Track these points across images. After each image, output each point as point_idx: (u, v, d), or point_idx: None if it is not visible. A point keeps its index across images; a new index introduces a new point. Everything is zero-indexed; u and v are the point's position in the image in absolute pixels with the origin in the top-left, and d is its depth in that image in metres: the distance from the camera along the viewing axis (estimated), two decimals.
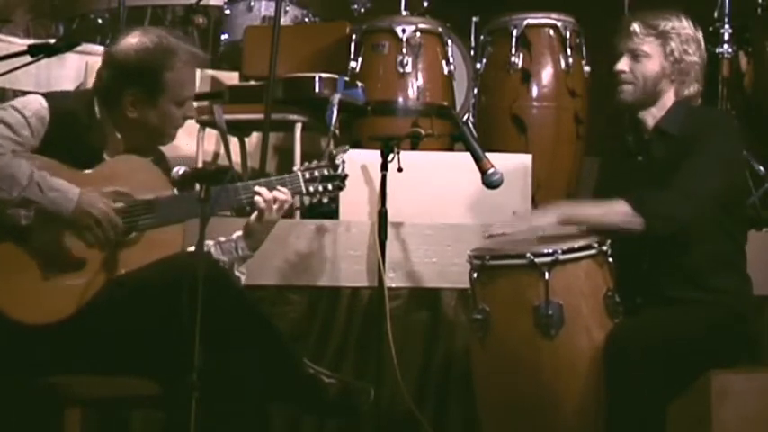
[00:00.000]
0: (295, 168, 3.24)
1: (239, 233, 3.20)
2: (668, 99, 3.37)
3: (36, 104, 2.98)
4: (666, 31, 3.33)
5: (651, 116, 3.38)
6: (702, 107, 3.47)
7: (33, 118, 2.95)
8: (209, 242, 3.19)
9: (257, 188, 3.11)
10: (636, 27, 3.34)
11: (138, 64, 3.04)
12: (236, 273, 3.18)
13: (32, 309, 2.87)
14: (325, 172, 3.21)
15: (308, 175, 3.19)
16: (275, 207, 3.11)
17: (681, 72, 3.35)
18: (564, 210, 3.26)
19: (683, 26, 3.36)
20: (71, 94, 3.11)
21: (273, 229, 3.19)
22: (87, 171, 3.00)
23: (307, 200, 3.30)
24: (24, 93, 4.05)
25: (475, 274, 3.23)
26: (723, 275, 3.32)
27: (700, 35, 3.41)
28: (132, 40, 3.08)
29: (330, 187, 3.21)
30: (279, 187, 3.14)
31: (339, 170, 3.23)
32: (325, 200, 3.31)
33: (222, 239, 3.20)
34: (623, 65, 3.35)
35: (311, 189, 3.19)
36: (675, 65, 3.34)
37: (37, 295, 2.89)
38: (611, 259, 3.20)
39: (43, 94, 3.06)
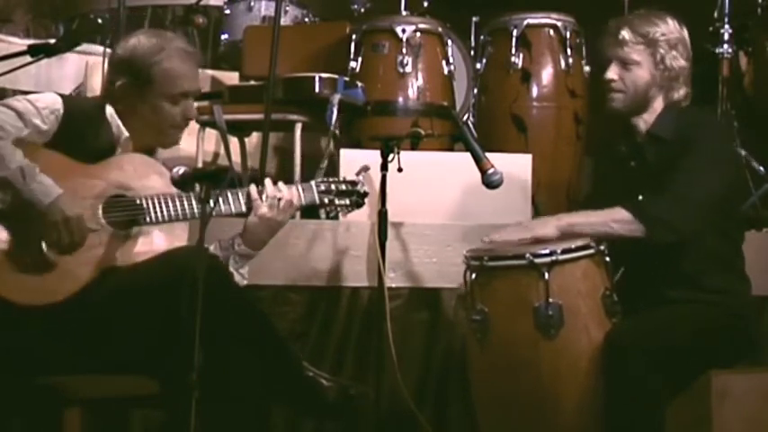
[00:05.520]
0: (312, 181, 3.27)
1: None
2: (658, 104, 3.38)
3: (50, 99, 3.03)
4: (656, 39, 3.33)
5: (643, 121, 3.39)
6: (692, 109, 3.46)
7: (46, 110, 2.99)
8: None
9: (267, 185, 3.13)
10: (625, 34, 3.34)
11: (130, 56, 3.11)
12: (236, 275, 3.18)
13: (25, 290, 2.88)
14: (343, 187, 3.27)
15: (323, 187, 3.24)
16: (267, 204, 3.12)
17: (670, 78, 3.35)
18: (564, 222, 3.26)
19: (670, 30, 3.36)
20: (86, 99, 3.23)
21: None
22: (93, 164, 3.04)
23: (322, 212, 3.33)
24: (24, 93, 4.05)
25: (473, 275, 3.23)
26: (721, 276, 3.33)
27: (685, 33, 3.41)
28: (132, 38, 3.17)
29: (348, 202, 3.27)
30: (279, 184, 3.15)
31: (358, 186, 3.29)
32: (341, 214, 3.34)
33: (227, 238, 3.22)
34: (613, 73, 3.36)
35: (326, 200, 3.24)
36: (665, 72, 3.34)
37: (31, 277, 2.90)
38: (608, 259, 3.20)
39: (59, 94, 3.10)
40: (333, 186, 3.26)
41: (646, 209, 3.19)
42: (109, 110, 3.12)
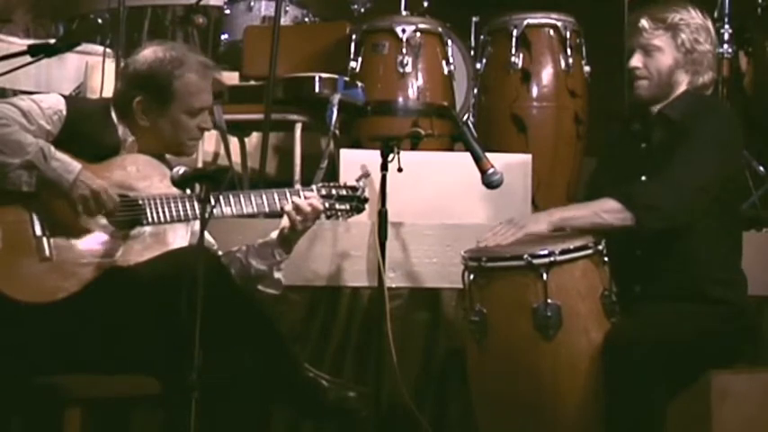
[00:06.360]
0: (313, 186, 3.32)
1: (273, 237, 3.24)
2: (682, 89, 3.39)
3: (54, 100, 3.05)
4: (676, 23, 3.35)
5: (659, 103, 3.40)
6: (709, 97, 3.47)
7: (50, 110, 3.02)
8: (242, 247, 3.25)
9: (295, 198, 3.18)
10: (644, 22, 3.36)
11: (148, 71, 3.13)
12: (275, 276, 3.24)
13: (27, 287, 2.89)
14: (343, 192, 3.31)
15: (324, 192, 3.28)
16: (300, 216, 3.17)
17: (694, 62, 3.37)
18: (556, 217, 3.25)
19: (691, 16, 3.38)
20: (89, 100, 3.22)
21: None
22: (96, 164, 3.05)
23: (323, 216, 3.37)
24: (24, 93, 4.06)
25: (471, 276, 3.22)
26: (719, 265, 3.32)
27: (709, 23, 3.43)
28: (146, 50, 3.18)
29: (348, 207, 3.32)
30: (306, 196, 3.20)
31: (358, 192, 3.33)
32: (342, 219, 3.43)
33: (257, 244, 3.23)
34: (636, 61, 3.37)
35: (327, 205, 3.27)
36: (688, 55, 3.36)
37: (34, 274, 2.91)
38: (606, 258, 3.20)
39: (62, 95, 3.12)
40: (334, 191, 3.28)
41: (634, 197, 3.19)
42: (113, 115, 3.13)
